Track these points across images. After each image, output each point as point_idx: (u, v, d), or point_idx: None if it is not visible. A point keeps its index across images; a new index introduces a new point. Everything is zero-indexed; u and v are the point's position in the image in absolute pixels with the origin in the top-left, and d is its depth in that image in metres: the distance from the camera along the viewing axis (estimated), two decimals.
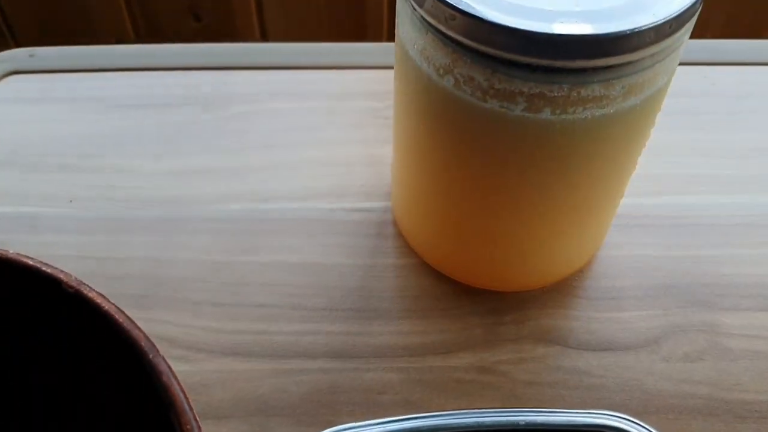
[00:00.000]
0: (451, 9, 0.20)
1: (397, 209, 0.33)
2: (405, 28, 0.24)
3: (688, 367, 0.29)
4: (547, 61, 0.20)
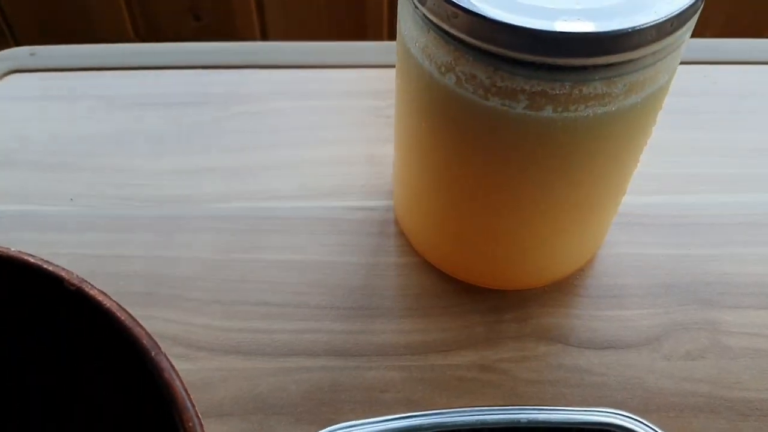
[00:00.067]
0: (453, 7, 0.20)
1: (398, 208, 0.33)
2: (407, 27, 0.24)
3: (690, 365, 0.29)
4: (549, 58, 0.20)
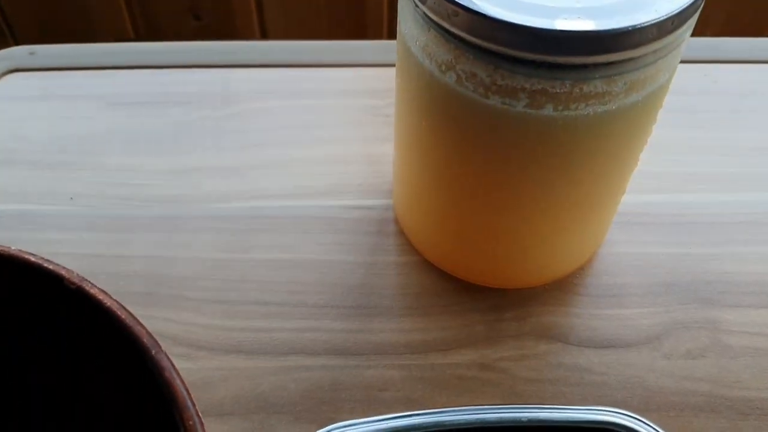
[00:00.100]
0: (453, 5, 0.20)
1: (398, 207, 0.33)
2: (407, 25, 0.24)
3: (690, 364, 0.29)
4: (549, 57, 0.20)
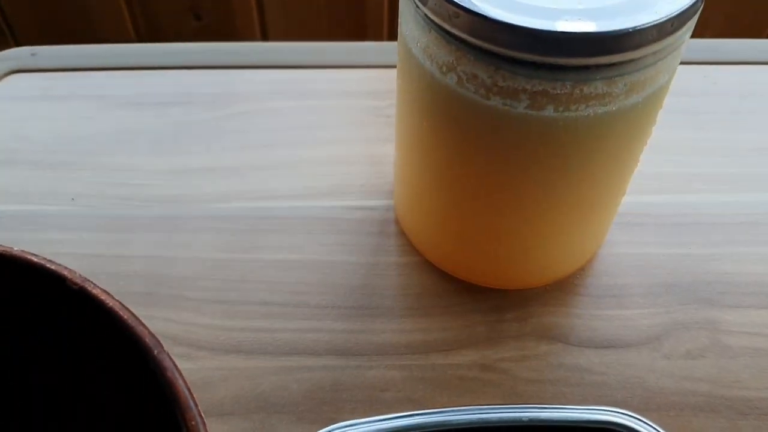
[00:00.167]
0: (454, 7, 0.20)
1: (399, 207, 0.33)
2: (408, 27, 0.24)
3: (690, 365, 0.29)
4: (550, 58, 0.20)
